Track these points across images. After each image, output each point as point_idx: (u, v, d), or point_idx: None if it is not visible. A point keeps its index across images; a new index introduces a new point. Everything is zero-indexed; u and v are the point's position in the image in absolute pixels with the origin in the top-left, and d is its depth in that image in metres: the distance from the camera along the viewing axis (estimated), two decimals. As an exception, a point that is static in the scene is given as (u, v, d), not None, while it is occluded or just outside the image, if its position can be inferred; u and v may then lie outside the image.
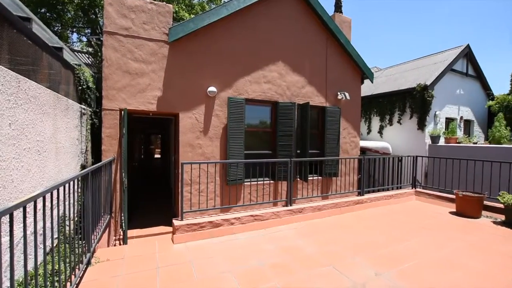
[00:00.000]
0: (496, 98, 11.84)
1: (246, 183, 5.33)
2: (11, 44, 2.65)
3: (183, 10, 12.26)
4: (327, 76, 6.51)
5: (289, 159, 4.96)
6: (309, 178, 6.02)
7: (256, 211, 4.42)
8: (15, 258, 2.21)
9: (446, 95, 11.06)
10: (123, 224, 4.14)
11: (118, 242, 4.43)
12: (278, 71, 5.84)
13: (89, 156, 4.85)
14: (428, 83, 10.23)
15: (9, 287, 1.50)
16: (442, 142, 10.23)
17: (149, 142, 19.02)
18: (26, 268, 1.60)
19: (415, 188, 6.56)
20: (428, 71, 11.19)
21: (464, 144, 9.48)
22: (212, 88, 5.03)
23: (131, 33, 4.51)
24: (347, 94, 6.61)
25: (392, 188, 6.57)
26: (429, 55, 12.91)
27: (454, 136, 9.87)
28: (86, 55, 10.17)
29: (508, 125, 9.97)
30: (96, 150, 4.91)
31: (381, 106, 12.06)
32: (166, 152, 11.57)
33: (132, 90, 4.53)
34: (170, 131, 7.46)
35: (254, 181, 5.27)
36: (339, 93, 6.59)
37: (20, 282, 2.39)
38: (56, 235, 2.72)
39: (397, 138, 11.42)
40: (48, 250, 2.84)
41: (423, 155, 9.34)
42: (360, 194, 5.75)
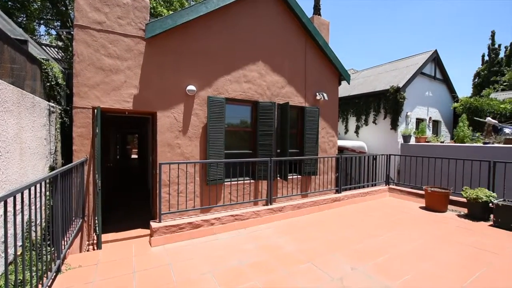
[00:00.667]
0: (460, 100, 12.75)
1: (226, 182, 5.29)
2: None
3: (161, 6, 11.90)
4: (306, 77, 6.64)
5: (269, 158, 5.00)
6: (289, 177, 6.11)
7: (237, 211, 4.41)
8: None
9: (417, 97, 11.73)
10: (97, 228, 3.95)
11: (91, 247, 4.21)
12: (258, 71, 5.87)
13: (59, 157, 4.56)
14: (400, 85, 10.79)
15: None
16: (413, 141, 10.83)
17: (125, 142, 18.28)
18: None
19: (389, 185, 6.90)
20: (400, 74, 11.79)
21: (432, 143, 10.11)
22: (191, 87, 4.94)
23: (105, 27, 4.31)
24: (325, 95, 6.79)
25: (368, 185, 6.85)
26: (401, 59, 13.61)
27: (424, 136, 10.49)
28: (56, 50, 9.56)
29: (470, 125, 10.78)
30: (66, 150, 4.63)
31: (357, 106, 12.53)
32: (144, 152, 11.20)
33: (106, 87, 4.33)
34: (148, 131, 7.22)
35: (234, 180, 5.25)
36: (317, 93, 6.75)
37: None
38: (20, 243, 2.53)
39: (372, 137, 11.92)
40: (11, 259, 2.64)
41: (396, 153, 9.84)
42: (338, 191, 5.94)
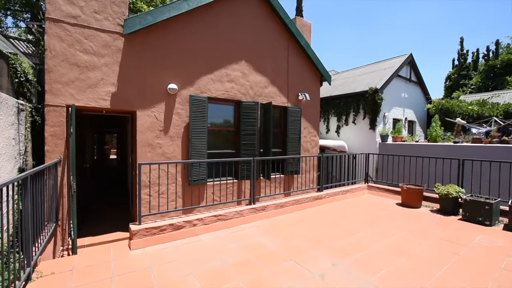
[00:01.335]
0: (433, 102, 13.49)
1: (209, 183, 5.24)
2: None
3: (141, 2, 11.53)
4: (288, 77, 6.72)
5: (252, 158, 5.01)
6: (272, 176, 6.16)
7: (220, 211, 4.38)
8: None
9: (393, 98, 12.25)
10: (72, 232, 3.76)
11: (66, 253, 4.01)
12: (241, 70, 5.86)
13: (29, 158, 4.30)
14: (378, 87, 11.21)
15: None
16: (390, 140, 11.31)
17: (103, 141, 17.56)
18: None
19: (368, 183, 7.15)
20: (378, 76, 12.26)
21: (408, 142, 10.61)
22: (172, 85, 4.84)
23: (80, 22, 4.11)
24: (307, 95, 6.91)
25: (348, 184, 7.06)
26: (379, 61, 14.14)
27: (400, 135, 10.98)
28: (25, 44, 8.97)
29: (442, 125, 11.43)
30: (38, 151, 4.37)
31: (338, 107, 12.87)
32: (123, 153, 10.81)
33: (82, 84, 4.13)
34: (127, 130, 6.98)
35: (217, 180, 5.21)
36: (300, 94, 6.85)
37: None
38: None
39: (352, 137, 12.30)
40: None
41: (374, 152, 10.21)
42: (319, 190, 6.07)
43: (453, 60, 23.01)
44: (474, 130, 9.89)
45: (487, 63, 19.52)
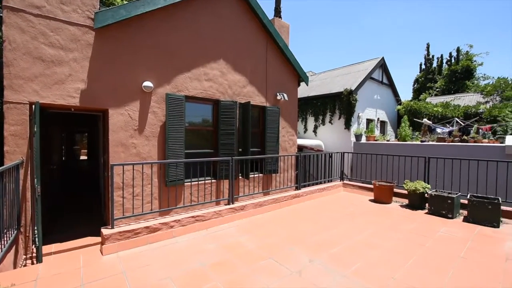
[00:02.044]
0: (402, 103, 14.29)
1: (187, 183, 5.14)
2: None
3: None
4: (267, 77, 6.77)
5: (230, 157, 4.99)
6: (250, 176, 6.17)
7: (198, 212, 4.31)
8: None
9: (367, 99, 12.81)
10: (36, 239, 3.50)
11: (29, 262, 3.72)
12: (220, 69, 5.80)
13: (-15, 159, 3.92)
14: (353, 88, 11.67)
15: None
16: (364, 140, 11.82)
17: (73, 141, 16.54)
18: None
19: (343, 181, 7.42)
20: (353, 78, 12.75)
21: (380, 142, 11.16)
22: (147, 83, 4.67)
23: (45, 13, 3.83)
24: (285, 95, 7.01)
25: (325, 182, 7.27)
26: (354, 64, 14.72)
27: (373, 135, 11.52)
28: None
29: (411, 125, 12.16)
30: (-4, 152, 4.01)
31: (315, 107, 13.21)
32: (95, 153, 10.26)
33: (47, 80, 3.86)
34: (99, 129, 6.64)
35: (195, 181, 5.12)
36: (278, 93, 6.94)
37: None
38: None
39: (329, 136, 12.68)
40: None
41: (349, 151, 10.61)
42: (297, 188, 6.19)
43: (420, 65, 24.59)
44: (438, 130, 10.64)
45: (449, 68, 21.08)
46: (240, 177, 6.04)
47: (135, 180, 4.46)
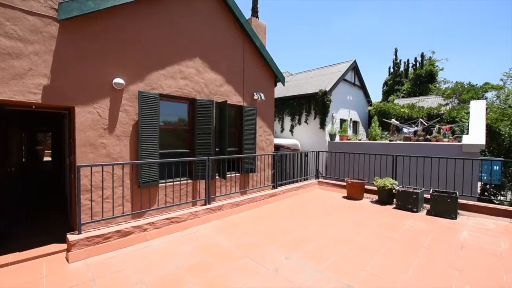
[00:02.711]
0: (373, 104, 15.04)
1: (161, 184, 4.98)
2: None
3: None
4: (244, 77, 6.77)
5: (207, 157, 4.92)
6: (228, 175, 6.14)
7: (173, 213, 4.20)
8: None
9: (340, 100, 13.31)
10: (-9, 249, 3.19)
11: (-18, 273, 3.38)
12: (196, 67, 5.70)
13: None
14: (327, 89, 12.06)
15: None
16: (338, 139, 12.27)
17: (35, 141, 15.29)
18: None
19: (318, 179, 7.64)
20: (327, 79, 13.17)
21: (353, 141, 11.65)
22: (118, 80, 4.45)
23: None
24: (262, 95, 7.06)
25: (301, 180, 7.44)
26: (328, 66, 15.22)
27: (346, 134, 12.00)
28: None
29: (380, 125, 12.83)
30: None
31: (292, 107, 13.46)
32: (60, 154, 9.57)
33: (3, 74, 3.52)
34: (65, 128, 6.20)
35: (170, 181, 4.98)
36: (255, 93, 6.97)
37: None
38: None
39: (305, 135, 12.99)
40: None
41: (324, 150, 10.95)
42: (274, 187, 6.27)
43: (389, 68, 26.05)
44: (405, 130, 11.35)
45: (415, 72, 22.58)
46: (217, 177, 5.98)
47: (105, 182, 4.24)
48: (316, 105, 12.42)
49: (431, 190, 5.06)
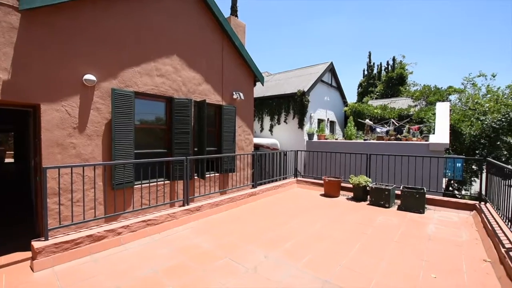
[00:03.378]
0: (348, 105, 15.61)
1: (137, 185, 4.79)
2: None
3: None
4: (223, 76, 6.71)
5: (185, 157, 4.82)
6: (207, 175, 6.06)
7: (149, 216, 4.06)
8: None
9: (318, 101, 13.66)
10: None
11: None
12: (173, 65, 5.55)
13: None
14: (305, 89, 12.31)
15: None
16: (315, 138, 12.58)
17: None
18: None
19: (297, 178, 7.79)
20: (305, 80, 13.45)
21: (330, 140, 12.01)
22: (89, 76, 4.22)
23: (-50, -14, 3.16)
24: (241, 94, 7.05)
25: (280, 179, 7.54)
26: (307, 66, 15.54)
27: (324, 134, 12.35)
28: None
29: (356, 125, 13.34)
30: None
31: (271, 107, 13.58)
32: (25, 155, 8.88)
33: (-45, 68, 3.20)
34: (29, 127, 5.76)
35: (146, 182, 4.82)
36: (234, 92, 6.94)
37: None
38: None
39: (284, 135, 13.17)
40: None
41: (302, 149, 11.18)
42: (254, 186, 6.29)
43: (363, 70, 27.17)
44: (378, 130, 11.91)
45: (387, 75, 23.75)
46: (196, 177, 5.88)
47: (76, 184, 4.00)
48: (294, 105, 12.64)
49: (401, 187, 5.36)
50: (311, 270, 2.88)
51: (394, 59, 24.86)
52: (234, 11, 8.39)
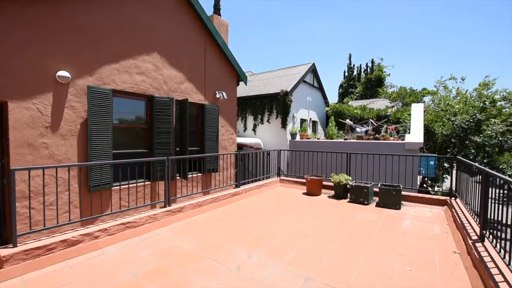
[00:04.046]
0: (330, 105, 15.99)
1: (115, 187, 4.63)
2: None
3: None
4: (205, 75, 6.63)
5: (166, 157, 4.72)
6: (189, 176, 5.97)
7: (129, 218, 3.93)
8: None
9: (301, 101, 13.87)
10: None
11: None
12: (154, 63, 5.41)
13: None
14: (288, 89, 12.45)
15: None
16: (298, 138, 12.76)
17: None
18: None
19: (280, 177, 7.86)
20: (288, 80, 13.61)
21: (312, 140, 12.24)
22: (63, 73, 4.01)
23: None
24: (224, 94, 7.00)
25: (263, 178, 7.58)
26: (290, 67, 15.72)
27: (306, 133, 12.55)
28: None
29: (337, 125, 13.69)
30: None
31: (254, 106, 13.60)
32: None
33: None
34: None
35: (125, 184, 4.65)
36: (217, 92, 6.88)
37: None
38: None
39: (267, 134, 13.24)
40: None
41: (285, 149, 11.31)
42: (237, 186, 6.27)
43: (344, 72, 27.94)
44: (358, 129, 12.30)
45: (366, 77, 24.59)
46: (178, 177, 5.77)
47: (49, 187, 3.79)
48: (278, 105, 12.75)
49: (379, 184, 5.57)
50: (293, 267, 2.92)
51: (373, 62, 25.80)
52: (217, 9, 8.31)
